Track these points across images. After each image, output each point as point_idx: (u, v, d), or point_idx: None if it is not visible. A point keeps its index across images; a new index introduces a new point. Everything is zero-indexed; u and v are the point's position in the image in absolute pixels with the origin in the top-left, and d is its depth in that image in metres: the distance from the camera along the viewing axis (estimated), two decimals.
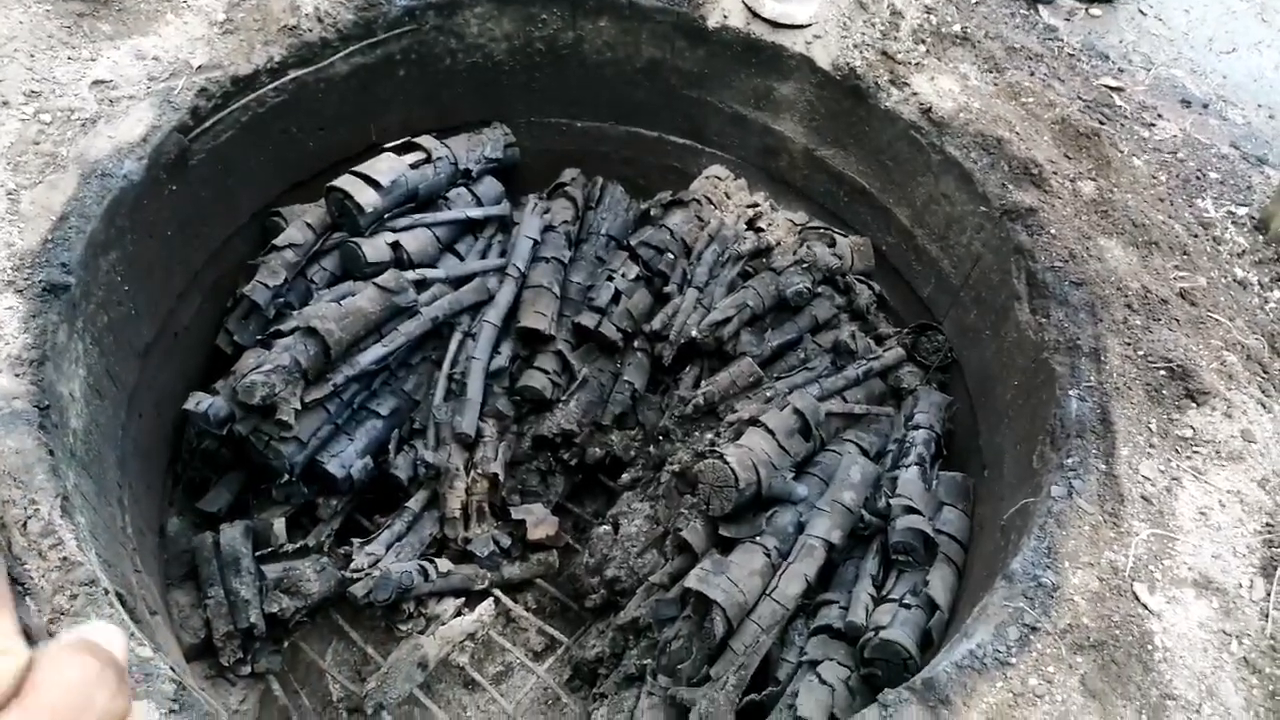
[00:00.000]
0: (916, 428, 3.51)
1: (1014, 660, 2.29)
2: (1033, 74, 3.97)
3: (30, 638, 2.03)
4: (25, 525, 2.29)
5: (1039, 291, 3.14)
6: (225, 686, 3.53)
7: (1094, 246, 3.20)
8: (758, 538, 3.28)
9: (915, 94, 3.60)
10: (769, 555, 3.24)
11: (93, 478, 2.82)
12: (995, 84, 3.79)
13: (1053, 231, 3.21)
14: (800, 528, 3.31)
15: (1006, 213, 3.31)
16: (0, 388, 2.48)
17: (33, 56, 3.14)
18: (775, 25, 3.78)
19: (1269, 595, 2.44)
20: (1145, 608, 2.41)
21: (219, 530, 3.60)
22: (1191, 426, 2.82)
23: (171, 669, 2.30)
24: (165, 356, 3.59)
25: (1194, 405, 2.86)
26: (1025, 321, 3.18)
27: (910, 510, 3.18)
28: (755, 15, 3.79)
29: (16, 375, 2.53)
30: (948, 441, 3.62)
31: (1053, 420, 2.84)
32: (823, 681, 2.96)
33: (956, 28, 3.90)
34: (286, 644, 3.73)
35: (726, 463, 3.23)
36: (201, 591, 3.53)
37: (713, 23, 3.83)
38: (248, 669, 3.55)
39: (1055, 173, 3.44)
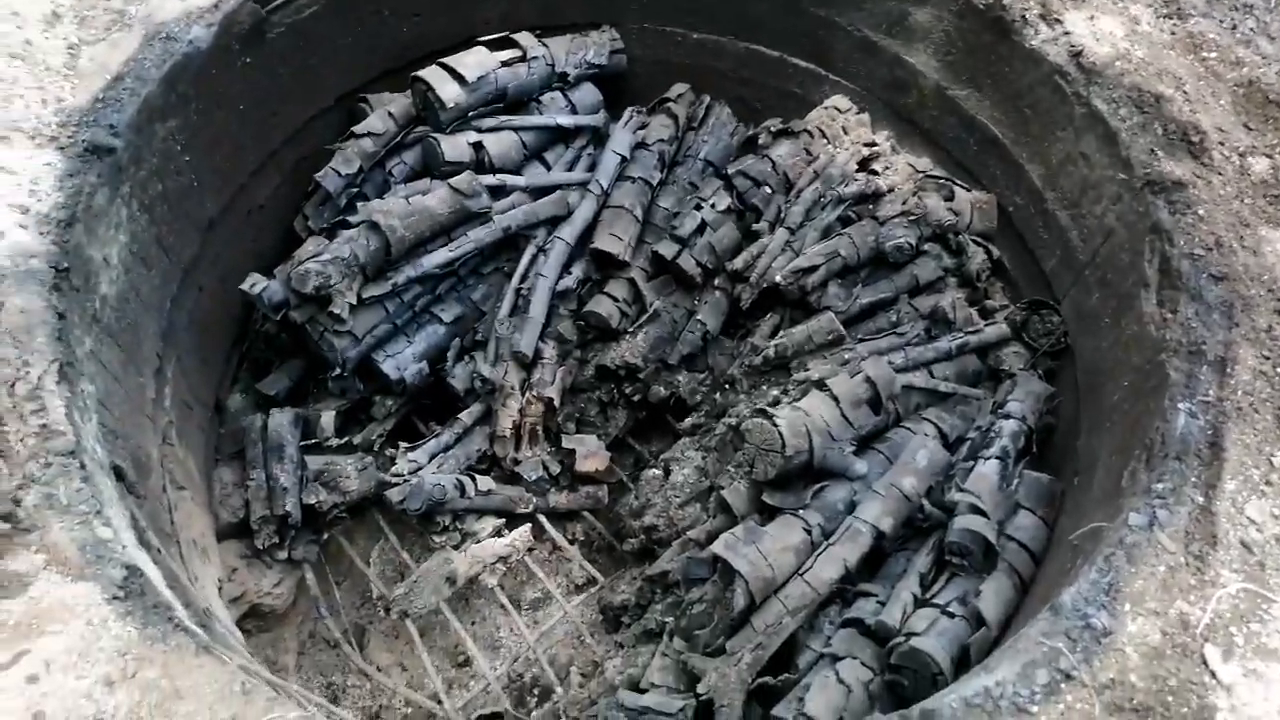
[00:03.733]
0: (1007, 417, 3.09)
1: (1034, 710, 1.95)
2: (1234, 27, 3.34)
3: None
4: (13, 386, 2.25)
5: (1170, 281, 2.65)
6: (260, 568, 3.55)
7: (1250, 236, 2.67)
8: (800, 511, 2.99)
9: (1067, 33, 3.08)
10: (809, 532, 2.94)
11: (121, 346, 2.79)
12: (1172, 32, 3.20)
13: (1201, 212, 2.69)
14: (852, 508, 2.99)
15: (1149, 184, 2.80)
16: (20, 245, 2.44)
17: None
18: None
19: None
20: (1213, 675, 2.00)
21: (269, 414, 3.60)
22: None
23: (135, 550, 2.25)
24: (234, 233, 3.54)
25: None
26: (1149, 314, 2.70)
27: (976, 510, 2.80)
28: None
29: (41, 234, 2.49)
30: (1044, 438, 3.19)
31: (1153, 434, 2.40)
32: (840, 680, 2.67)
33: None
34: (326, 537, 3.72)
35: (775, 425, 2.94)
36: (245, 472, 3.54)
37: None
38: (283, 555, 3.56)
39: (1222, 143, 2.88)
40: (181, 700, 1.98)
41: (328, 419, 3.64)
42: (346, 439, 3.67)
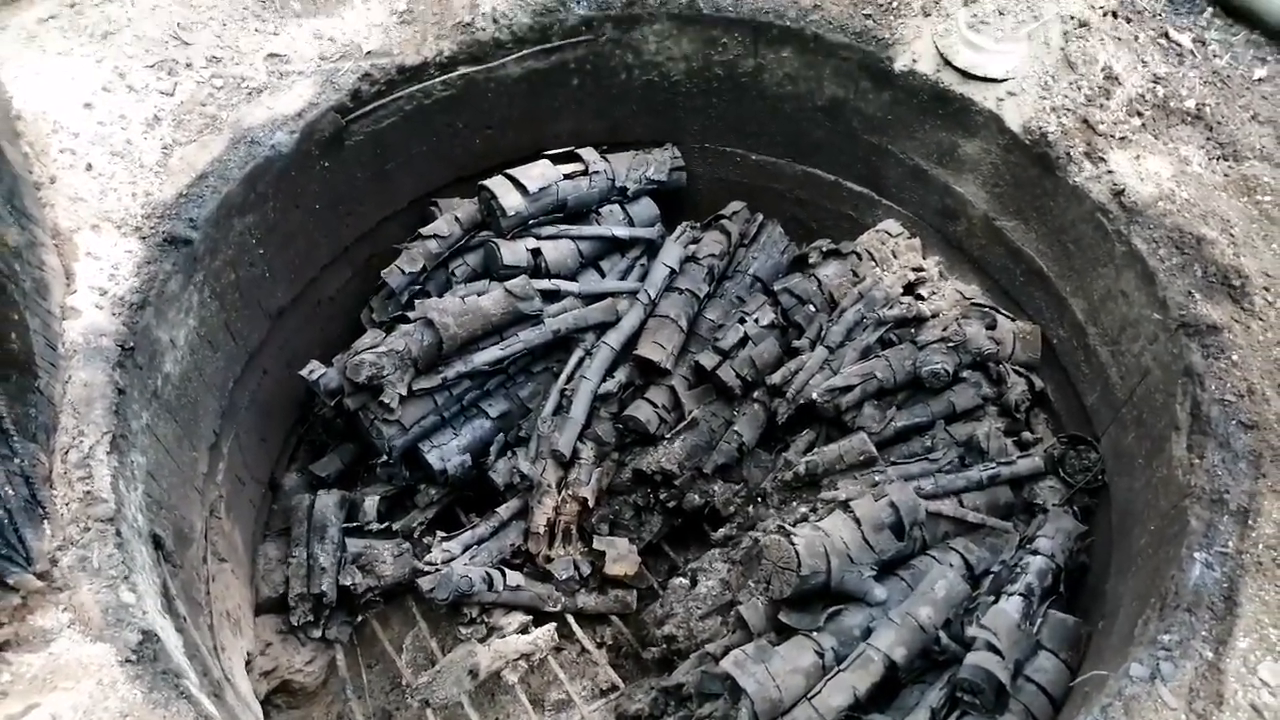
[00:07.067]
0: (1035, 553, 3.02)
1: None
2: None
3: (30, 560, 2.11)
4: (67, 454, 2.44)
5: (1200, 425, 2.59)
6: (295, 645, 3.66)
7: None
8: (814, 633, 2.95)
9: (1110, 172, 3.10)
10: (821, 656, 2.90)
11: (178, 422, 2.99)
12: (1225, 174, 3.18)
13: (1235, 358, 2.64)
14: (868, 634, 2.94)
15: (1184, 325, 2.76)
16: (94, 324, 2.67)
17: (224, 25, 3.40)
18: (967, 76, 3.39)
19: None
20: None
21: (317, 495, 3.75)
22: None
23: (156, 617, 2.37)
24: (303, 321, 3.77)
25: None
26: (1178, 458, 2.64)
27: (991, 647, 2.73)
28: (947, 63, 3.43)
29: (114, 315, 2.72)
30: (1077, 579, 3.09)
31: (1168, 583, 2.33)
32: None
33: (1191, 103, 3.32)
34: (360, 619, 3.81)
35: (792, 543, 2.93)
36: (289, 549, 3.68)
37: (900, 66, 3.50)
38: (317, 633, 3.66)
39: (1268, 288, 2.84)
40: None
41: (370, 503, 3.77)
42: (387, 524, 3.79)
